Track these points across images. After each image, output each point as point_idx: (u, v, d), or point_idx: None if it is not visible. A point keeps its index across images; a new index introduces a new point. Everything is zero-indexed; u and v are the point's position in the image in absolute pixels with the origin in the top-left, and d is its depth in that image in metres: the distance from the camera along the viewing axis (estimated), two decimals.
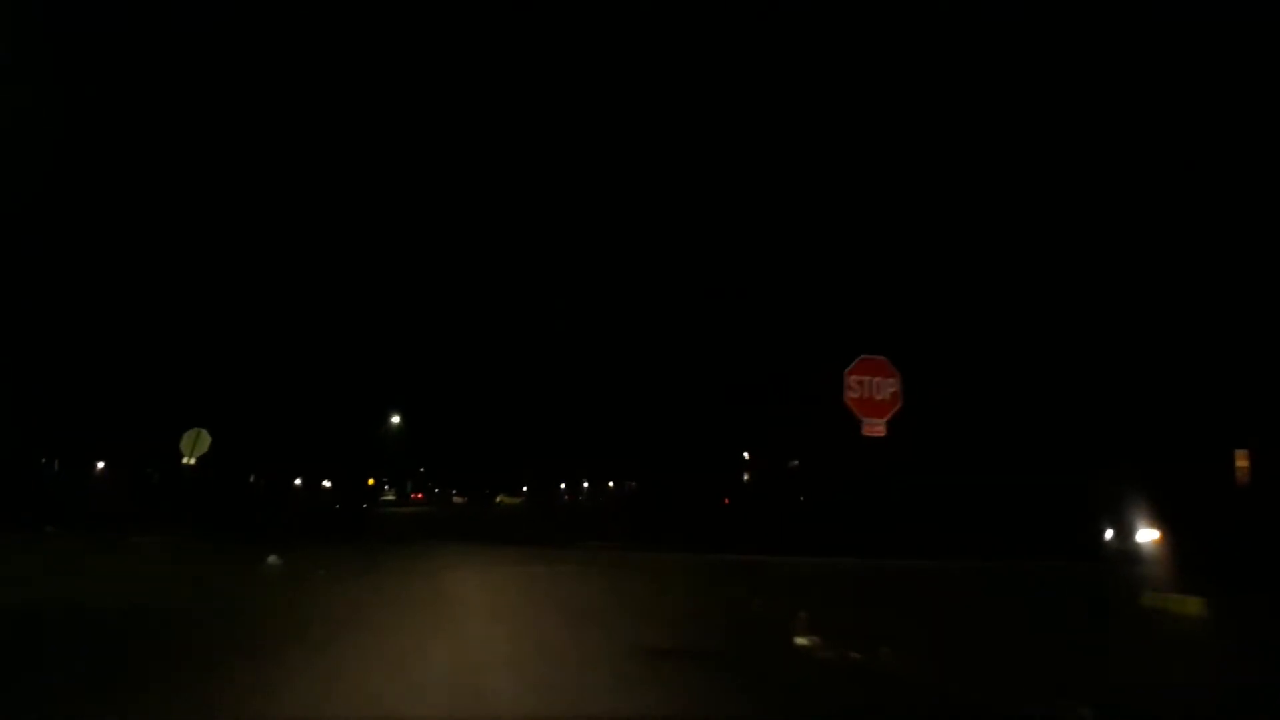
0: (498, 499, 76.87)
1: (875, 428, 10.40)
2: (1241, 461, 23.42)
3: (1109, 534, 21.08)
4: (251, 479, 56.55)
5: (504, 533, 27.59)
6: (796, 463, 45.89)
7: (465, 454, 79.94)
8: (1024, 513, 23.65)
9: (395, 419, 60.79)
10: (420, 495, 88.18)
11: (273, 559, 13.31)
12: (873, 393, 10.48)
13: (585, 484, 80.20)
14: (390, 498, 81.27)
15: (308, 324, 44.26)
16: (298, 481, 68.18)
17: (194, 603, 9.46)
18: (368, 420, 56.77)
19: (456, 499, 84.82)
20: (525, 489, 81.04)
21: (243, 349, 39.79)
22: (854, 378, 10.46)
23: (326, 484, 65.16)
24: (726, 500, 48.59)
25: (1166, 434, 23.18)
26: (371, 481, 72.59)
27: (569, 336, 51.64)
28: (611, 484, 77.61)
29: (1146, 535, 19.95)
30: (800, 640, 7.66)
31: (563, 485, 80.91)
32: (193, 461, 22.39)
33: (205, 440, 22.39)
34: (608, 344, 49.44)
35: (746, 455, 51.22)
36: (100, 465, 46.63)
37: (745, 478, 53.29)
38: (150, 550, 15.88)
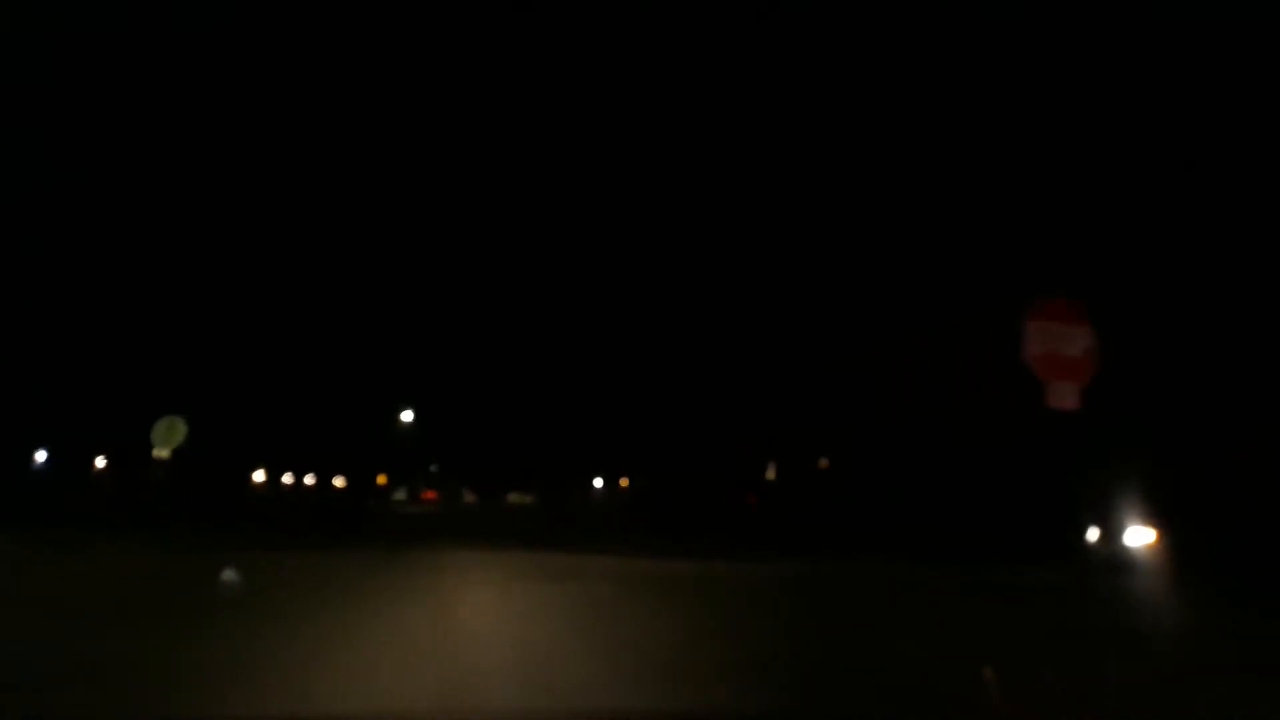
0: (509, 497, 74.18)
1: (1065, 398, 7.28)
2: None
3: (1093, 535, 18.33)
4: (260, 475, 54.94)
5: (519, 535, 24.57)
6: (826, 461, 43.27)
7: (477, 452, 77.29)
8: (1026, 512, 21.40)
9: (408, 416, 58.33)
10: (432, 494, 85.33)
11: (229, 574, 10.27)
12: (1061, 347, 7.34)
13: (598, 482, 77.13)
14: (401, 496, 78.66)
15: (321, 322, 42.50)
16: (309, 479, 66.43)
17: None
18: (381, 418, 54.78)
19: (468, 497, 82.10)
20: (536, 487, 78.04)
21: (256, 346, 38.10)
22: (1037, 325, 7.33)
23: (338, 481, 63.34)
24: (753, 500, 45.74)
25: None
26: (383, 479, 70.43)
27: (582, 330, 49.23)
28: (625, 482, 74.52)
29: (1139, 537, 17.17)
30: None
31: (577, 483, 77.92)
32: (166, 454, 19.61)
33: (180, 430, 19.63)
34: (621, 338, 46.89)
35: (771, 446, 48.28)
36: (101, 461, 44.81)
37: (770, 475, 50.28)
38: (82, 558, 12.91)
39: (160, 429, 19.24)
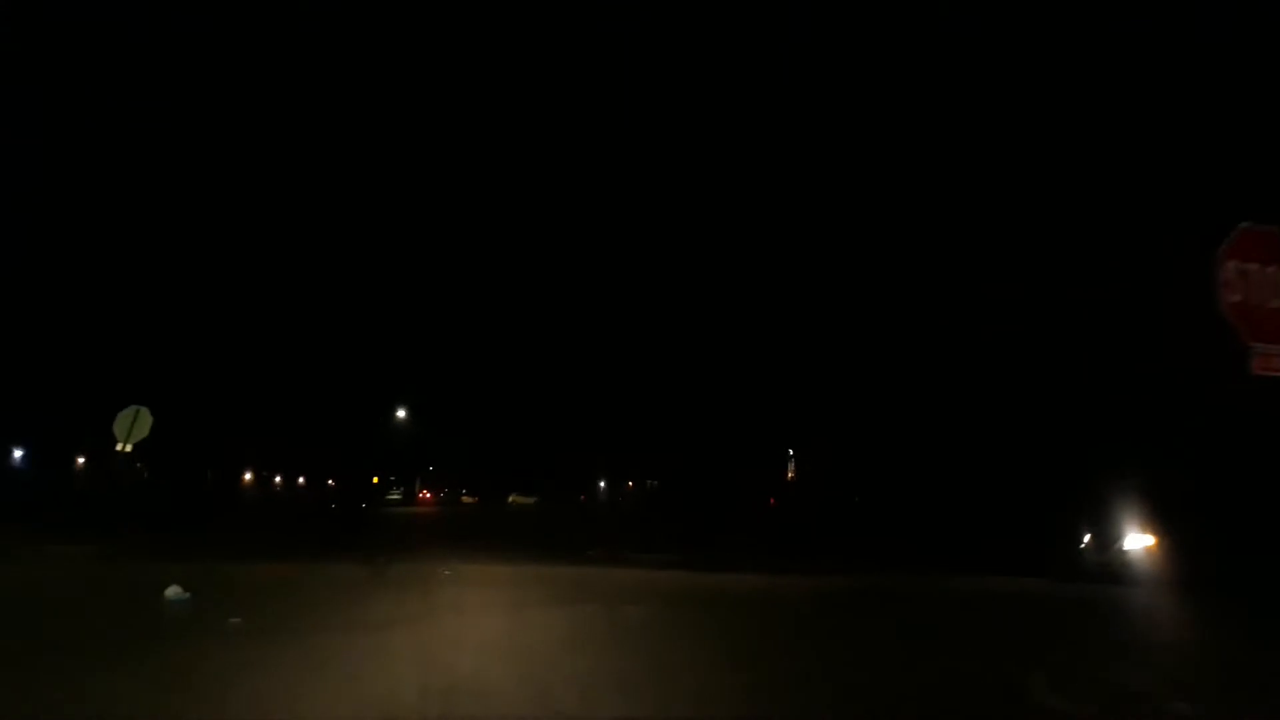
0: (510, 499, 72.02)
1: (1273, 360, 5.41)
2: None
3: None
4: (249, 475, 53.42)
5: (523, 540, 22.63)
6: (843, 462, 41.53)
7: (476, 452, 75.32)
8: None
9: (402, 414, 56.56)
10: (428, 494, 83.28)
11: (173, 591, 8.39)
12: (1264, 294, 5.46)
13: (602, 483, 75.11)
14: (396, 496, 76.71)
15: (316, 320, 40.97)
16: (301, 479, 64.71)
17: None
18: (375, 418, 53.07)
19: (466, 499, 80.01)
20: (539, 489, 76.04)
21: (248, 344, 36.59)
22: (1234, 265, 5.43)
23: (332, 482, 61.86)
24: (772, 500, 43.73)
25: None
26: (376, 480, 68.61)
27: (584, 327, 47.52)
28: (631, 483, 72.49)
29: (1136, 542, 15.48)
30: None
31: (581, 484, 75.95)
32: (129, 448, 17.69)
33: (146, 422, 17.69)
34: (625, 335, 45.12)
35: (791, 449, 46.32)
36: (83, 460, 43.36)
37: (790, 474, 48.13)
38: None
39: (124, 420, 17.29)
